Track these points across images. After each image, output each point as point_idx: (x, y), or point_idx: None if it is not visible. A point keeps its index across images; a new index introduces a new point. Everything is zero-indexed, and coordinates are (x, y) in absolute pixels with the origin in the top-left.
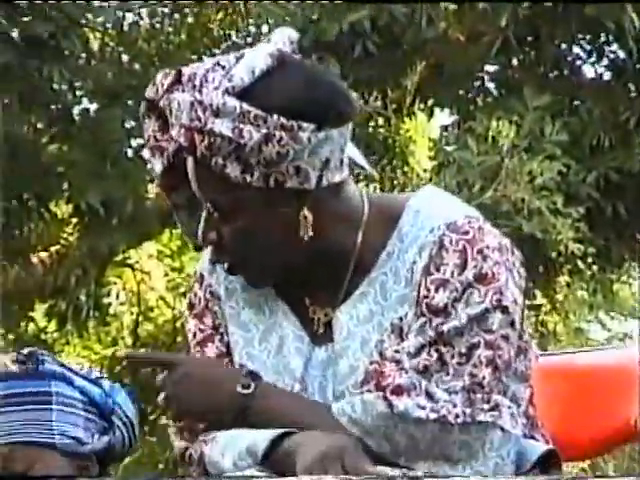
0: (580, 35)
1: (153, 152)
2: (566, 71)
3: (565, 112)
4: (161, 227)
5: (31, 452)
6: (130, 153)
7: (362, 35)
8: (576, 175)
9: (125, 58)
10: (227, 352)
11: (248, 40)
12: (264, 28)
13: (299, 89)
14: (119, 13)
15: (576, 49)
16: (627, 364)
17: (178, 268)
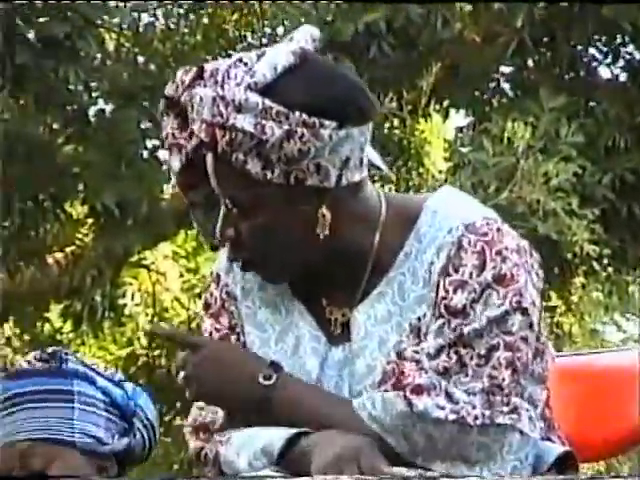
0: (596, 36)
1: (171, 149)
2: (582, 72)
3: (581, 113)
4: (176, 228)
5: (51, 449)
6: (145, 154)
7: (377, 36)
8: (592, 176)
9: (141, 59)
10: None
11: (263, 41)
12: (279, 29)
13: (321, 87)
14: (135, 14)
15: (592, 50)
16: None
17: (193, 269)
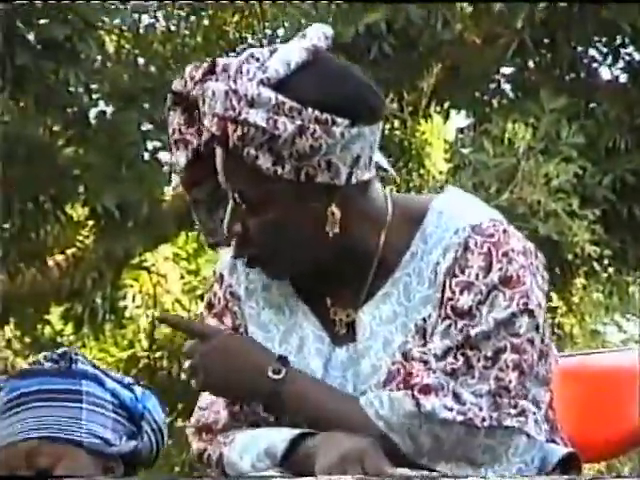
0: (596, 37)
1: (177, 145)
2: (582, 73)
3: (581, 114)
4: (177, 230)
5: (58, 448)
6: (146, 156)
7: (378, 37)
8: (592, 177)
9: (141, 61)
10: None
11: (264, 42)
12: (280, 31)
13: (334, 84)
14: (135, 16)
15: (592, 51)
16: None
17: (194, 271)
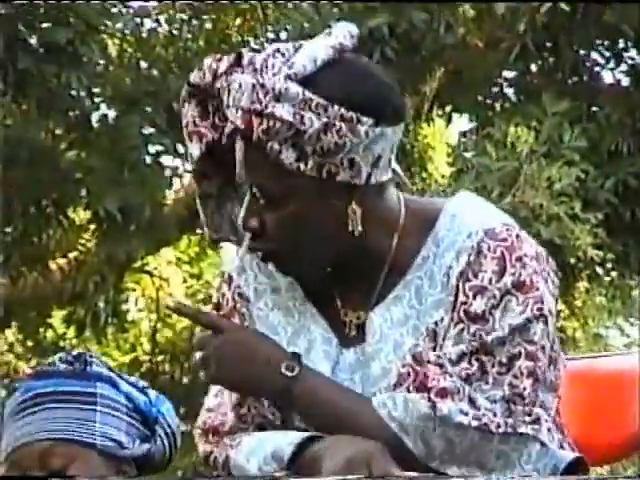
0: (598, 41)
1: (191, 137)
2: (585, 77)
3: (583, 118)
4: (179, 233)
5: (71, 450)
6: (148, 159)
7: (380, 41)
8: (594, 181)
9: (143, 64)
10: None
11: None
12: (282, 34)
13: (359, 83)
14: (137, 19)
15: (594, 55)
16: None
17: (196, 274)
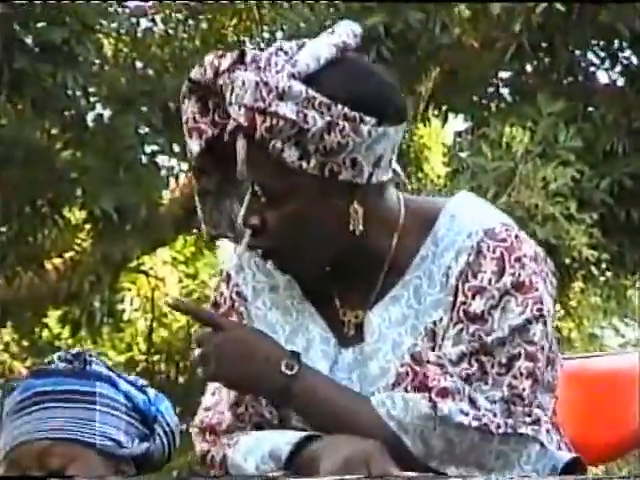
0: (594, 41)
1: (191, 133)
2: (580, 77)
3: (579, 118)
4: (175, 233)
5: (70, 449)
6: (144, 159)
7: (376, 41)
8: (590, 181)
9: (139, 64)
10: None
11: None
12: (278, 34)
13: (363, 83)
14: (133, 19)
15: (590, 55)
16: None
17: (192, 274)
